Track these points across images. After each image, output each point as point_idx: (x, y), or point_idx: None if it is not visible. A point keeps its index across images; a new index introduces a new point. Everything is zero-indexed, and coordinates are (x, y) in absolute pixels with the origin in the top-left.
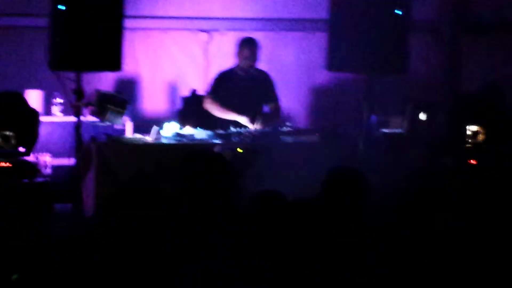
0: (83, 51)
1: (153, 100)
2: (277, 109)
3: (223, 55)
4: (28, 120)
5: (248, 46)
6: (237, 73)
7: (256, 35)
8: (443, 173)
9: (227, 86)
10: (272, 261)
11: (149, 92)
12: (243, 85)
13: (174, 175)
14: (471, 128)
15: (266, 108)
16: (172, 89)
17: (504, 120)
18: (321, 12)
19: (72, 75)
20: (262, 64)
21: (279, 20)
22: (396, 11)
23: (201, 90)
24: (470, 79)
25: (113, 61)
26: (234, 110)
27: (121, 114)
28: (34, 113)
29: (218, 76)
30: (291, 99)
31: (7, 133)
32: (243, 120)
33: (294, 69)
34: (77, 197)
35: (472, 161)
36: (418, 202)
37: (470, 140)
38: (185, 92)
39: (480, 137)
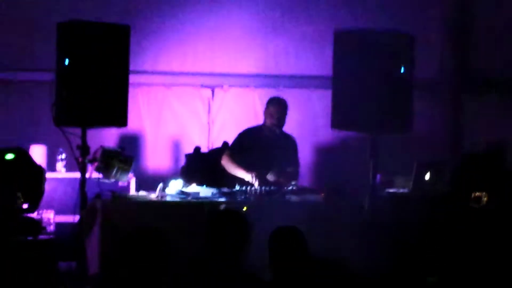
0: (88, 106)
1: (156, 156)
2: (295, 173)
3: (226, 111)
4: (34, 177)
5: (274, 105)
6: (263, 132)
7: (260, 92)
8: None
9: (251, 143)
10: None
11: (153, 148)
12: (267, 144)
13: (180, 232)
14: (474, 193)
15: (287, 169)
16: (176, 146)
17: (507, 182)
18: (325, 69)
19: (77, 130)
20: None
21: (282, 77)
22: (400, 69)
23: (205, 147)
24: (472, 137)
25: (119, 117)
26: (251, 167)
27: (126, 171)
28: (39, 170)
29: (243, 132)
30: None
31: (17, 193)
32: (248, 177)
33: (297, 126)
34: (81, 255)
35: None
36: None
37: (473, 204)
38: (189, 148)
39: (484, 200)
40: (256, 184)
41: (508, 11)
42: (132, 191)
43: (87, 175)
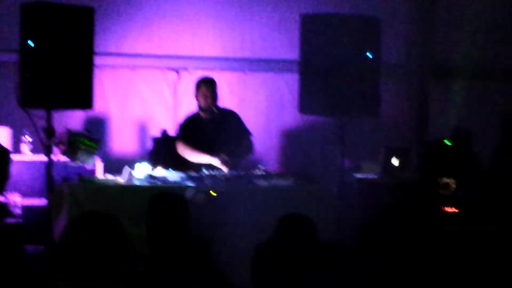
0: (53, 88)
1: (122, 139)
2: (249, 144)
3: (192, 95)
4: None
5: (204, 84)
6: (201, 117)
7: (226, 75)
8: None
9: (193, 131)
10: None
11: (118, 131)
12: (208, 128)
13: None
14: (442, 180)
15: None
16: (142, 129)
17: (473, 167)
18: (292, 53)
19: (42, 112)
20: (231, 105)
21: (249, 60)
22: (367, 54)
23: (171, 130)
24: (438, 124)
25: (84, 99)
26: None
27: (93, 154)
28: (5, 152)
29: (184, 121)
30: (261, 141)
31: None
32: (215, 162)
33: (264, 110)
34: (49, 239)
35: (450, 209)
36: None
37: (441, 191)
38: (155, 132)
39: (451, 187)
40: (224, 168)
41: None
42: (99, 175)
43: (53, 158)
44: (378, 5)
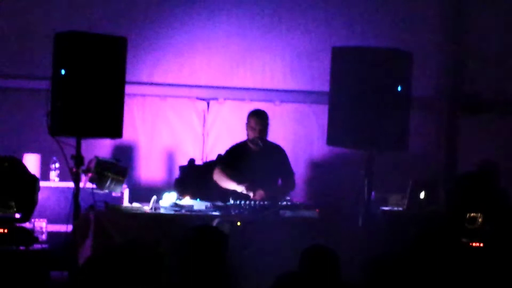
0: (83, 116)
1: (150, 168)
2: (291, 183)
3: (221, 124)
4: (27, 186)
5: (254, 117)
6: (248, 147)
7: (255, 105)
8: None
9: (239, 159)
10: None
11: (147, 159)
12: (254, 159)
13: (173, 245)
14: (469, 214)
15: (279, 182)
16: (170, 158)
17: (501, 202)
18: (322, 85)
19: (71, 140)
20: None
21: (279, 91)
22: (397, 87)
23: (199, 159)
24: (467, 157)
25: (114, 128)
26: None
27: (120, 182)
28: (33, 179)
29: (230, 149)
30: None
31: (10, 202)
32: (242, 189)
33: (292, 141)
34: (74, 265)
35: (475, 244)
36: None
37: (468, 225)
38: (183, 160)
39: (479, 221)
40: (250, 195)
41: (504, 33)
42: (126, 202)
43: (80, 185)
44: (409, 38)
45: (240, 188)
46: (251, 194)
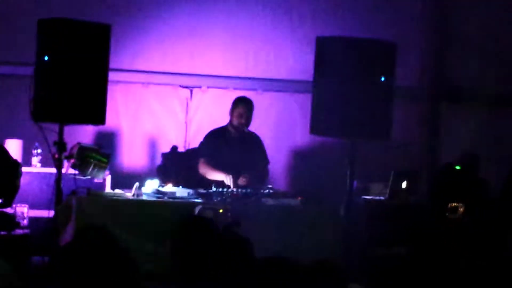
0: (66, 103)
1: (132, 154)
2: (265, 172)
3: (204, 112)
4: (9, 172)
5: (242, 105)
6: (229, 132)
7: (238, 94)
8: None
9: (218, 145)
10: None
11: (129, 146)
12: (234, 144)
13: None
14: (451, 204)
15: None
16: (152, 144)
17: (482, 193)
18: (305, 74)
19: (54, 126)
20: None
21: (262, 80)
22: (381, 77)
23: (182, 146)
24: (449, 146)
25: (97, 115)
26: (222, 168)
27: (103, 168)
28: (15, 164)
29: (209, 134)
30: (271, 160)
31: None
32: (226, 179)
33: (275, 130)
34: (55, 250)
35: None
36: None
37: (449, 215)
38: (166, 148)
39: (460, 211)
40: (232, 185)
41: (487, 23)
42: (108, 189)
43: (63, 171)
44: (393, 29)
45: (225, 178)
46: (232, 184)
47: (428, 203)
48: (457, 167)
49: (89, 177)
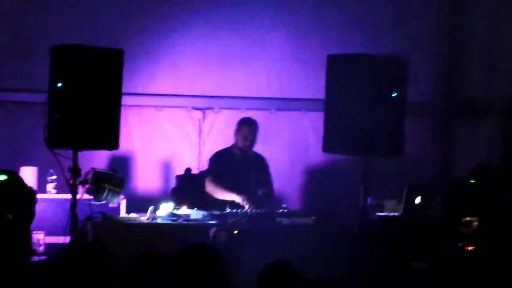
0: (80, 129)
1: (147, 178)
2: (270, 194)
3: (217, 133)
4: (25, 199)
5: (247, 126)
6: (233, 153)
7: (250, 114)
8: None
9: (223, 166)
10: None
11: (143, 169)
12: (239, 165)
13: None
14: (465, 218)
15: (259, 192)
16: (166, 167)
17: (497, 206)
18: (317, 92)
19: (68, 152)
20: (256, 144)
21: (275, 99)
22: (392, 93)
23: (195, 168)
24: (463, 161)
25: (110, 140)
26: (227, 189)
27: (117, 193)
28: (30, 192)
29: (214, 156)
30: (285, 179)
31: (8, 215)
32: (239, 199)
33: (288, 149)
34: None
35: (469, 248)
36: None
37: (464, 230)
38: (179, 170)
39: (474, 225)
40: (247, 206)
41: (500, 38)
42: (123, 213)
43: (78, 197)
44: (405, 43)
45: (239, 199)
46: (247, 206)
47: (442, 218)
48: (471, 181)
49: (104, 202)
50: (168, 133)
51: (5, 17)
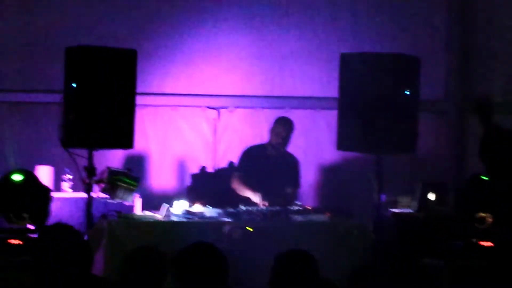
0: (95, 128)
1: (161, 176)
2: (295, 194)
3: (232, 132)
4: (40, 198)
5: (282, 124)
6: (267, 150)
7: (265, 113)
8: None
9: (255, 161)
10: None
11: (158, 168)
12: (270, 162)
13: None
14: (479, 214)
15: (288, 190)
16: (181, 166)
17: (509, 202)
18: (331, 90)
19: (83, 152)
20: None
21: (288, 98)
22: (405, 91)
23: (210, 167)
24: (476, 158)
25: (125, 139)
26: (254, 184)
27: (132, 191)
28: (46, 191)
29: (246, 150)
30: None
31: (24, 214)
32: (254, 197)
33: (302, 147)
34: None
35: (484, 243)
36: None
37: (477, 225)
38: (194, 169)
39: (488, 221)
40: (261, 204)
41: (510, 31)
42: (138, 211)
43: (93, 196)
44: (417, 41)
45: (255, 198)
46: (261, 203)
47: (456, 215)
48: (485, 178)
49: (119, 200)
50: (183, 132)
51: (18, 18)
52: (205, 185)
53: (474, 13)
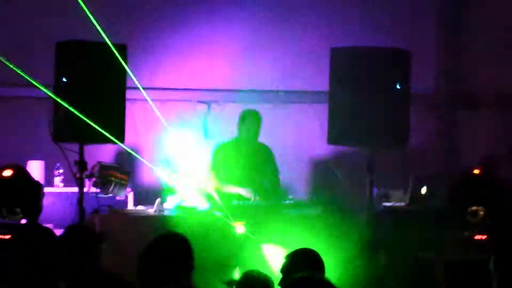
0: (86, 123)
1: (153, 171)
2: (277, 183)
3: (222, 127)
4: (32, 193)
5: (250, 118)
6: (237, 145)
7: (255, 108)
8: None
9: (227, 159)
10: None
11: (149, 163)
12: (243, 158)
13: None
14: (471, 208)
15: (266, 183)
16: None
17: (502, 195)
18: (321, 84)
19: (74, 146)
20: (261, 137)
21: (278, 92)
22: (396, 85)
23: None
24: (468, 152)
25: (116, 134)
26: (234, 182)
27: (124, 186)
28: (37, 185)
29: (217, 148)
30: (291, 171)
31: (15, 209)
32: (245, 193)
33: (293, 141)
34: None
35: (478, 236)
36: None
37: (470, 219)
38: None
39: (480, 214)
40: (253, 198)
41: (503, 28)
42: (130, 206)
43: (85, 190)
44: (407, 36)
45: (246, 193)
46: (254, 198)
47: (448, 208)
48: (476, 171)
49: (110, 195)
50: (173, 127)
51: (9, 14)
52: None
53: (465, 9)
